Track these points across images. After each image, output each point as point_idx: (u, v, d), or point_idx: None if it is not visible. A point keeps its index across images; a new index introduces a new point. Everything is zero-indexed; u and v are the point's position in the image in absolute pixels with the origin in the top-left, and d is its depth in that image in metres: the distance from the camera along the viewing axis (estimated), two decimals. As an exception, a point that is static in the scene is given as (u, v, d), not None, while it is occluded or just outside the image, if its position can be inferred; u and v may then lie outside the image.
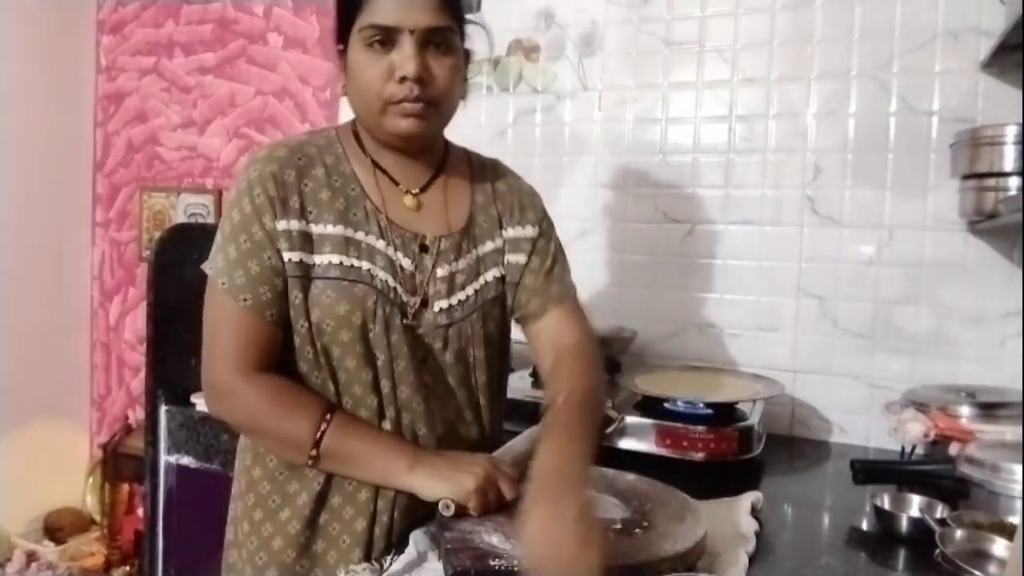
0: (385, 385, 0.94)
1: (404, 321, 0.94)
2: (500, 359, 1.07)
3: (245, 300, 0.90)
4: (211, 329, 0.93)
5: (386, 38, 0.90)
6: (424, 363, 0.97)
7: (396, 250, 0.95)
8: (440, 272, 0.98)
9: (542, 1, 1.89)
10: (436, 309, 0.97)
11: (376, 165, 0.98)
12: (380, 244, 0.95)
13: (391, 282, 0.94)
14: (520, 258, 1.05)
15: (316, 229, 0.93)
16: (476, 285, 1.01)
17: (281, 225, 0.91)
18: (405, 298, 0.95)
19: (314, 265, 0.93)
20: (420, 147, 0.99)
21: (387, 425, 0.95)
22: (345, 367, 0.93)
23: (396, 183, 0.99)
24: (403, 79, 0.89)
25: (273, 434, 0.93)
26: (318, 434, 0.89)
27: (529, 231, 1.07)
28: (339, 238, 0.93)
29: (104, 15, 2.72)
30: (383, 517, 0.95)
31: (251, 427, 0.95)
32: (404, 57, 0.89)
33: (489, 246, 1.03)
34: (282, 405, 0.91)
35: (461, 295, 0.99)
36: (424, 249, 0.98)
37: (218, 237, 0.94)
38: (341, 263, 0.92)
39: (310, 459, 0.90)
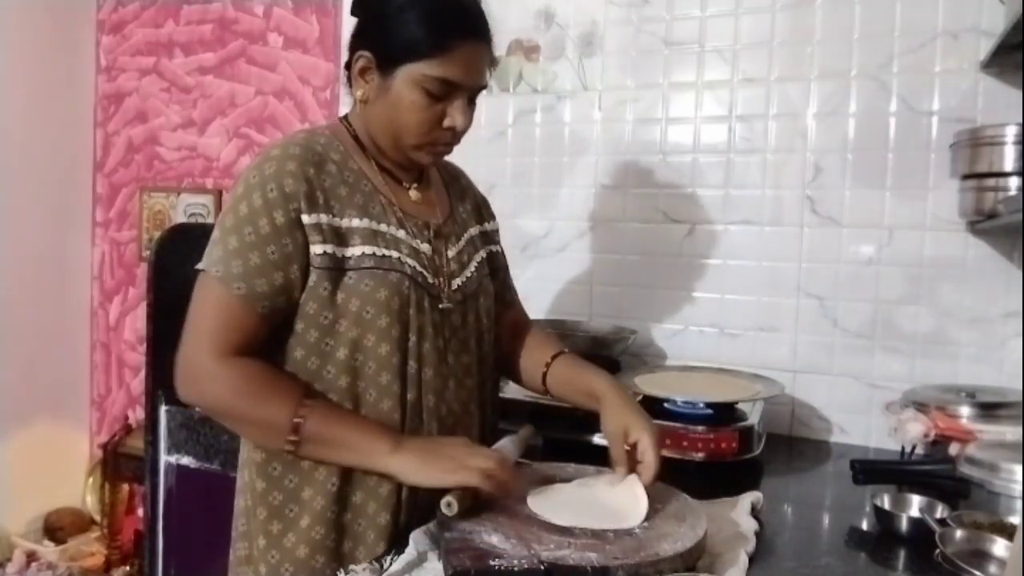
0: (412, 367, 0.97)
1: (433, 302, 1.00)
2: (491, 334, 1.15)
3: (239, 289, 0.90)
4: (195, 315, 0.93)
5: (446, 92, 0.95)
6: (448, 343, 1.02)
7: (414, 237, 1.00)
8: (451, 253, 1.06)
9: (542, 1, 1.89)
10: (453, 287, 1.04)
11: (380, 166, 1.03)
12: (401, 234, 0.99)
13: (418, 267, 0.99)
14: (498, 248, 1.21)
15: (343, 223, 0.95)
16: (475, 261, 1.11)
17: (311, 219, 0.93)
18: (431, 280, 1.00)
19: (348, 257, 0.94)
20: None
21: (408, 408, 0.97)
22: (377, 355, 0.94)
23: (397, 180, 1.05)
24: (450, 128, 0.98)
25: (249, 419, 0.93)
26: (296, 418, 0.89)
27: (496, 225, 1.22)
28: (367, 230, 0.96)
29: (104, 15, 2.72)
30: (408, 506, 0.96)
31: (224, 411, 0.94)
32: (458, 111, 0.97)
33: (474, 230, 1.14)
34: (259, 388, 0.91)
35: (468, 271, 1.08)
36: (436, 234, 1.04)
37: (215, 233, 0.94)
38: (374, 253, 0.95)
39: (289, 443, 0.90)
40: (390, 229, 0.98)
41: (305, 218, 0.92)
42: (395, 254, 0.97)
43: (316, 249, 0.93)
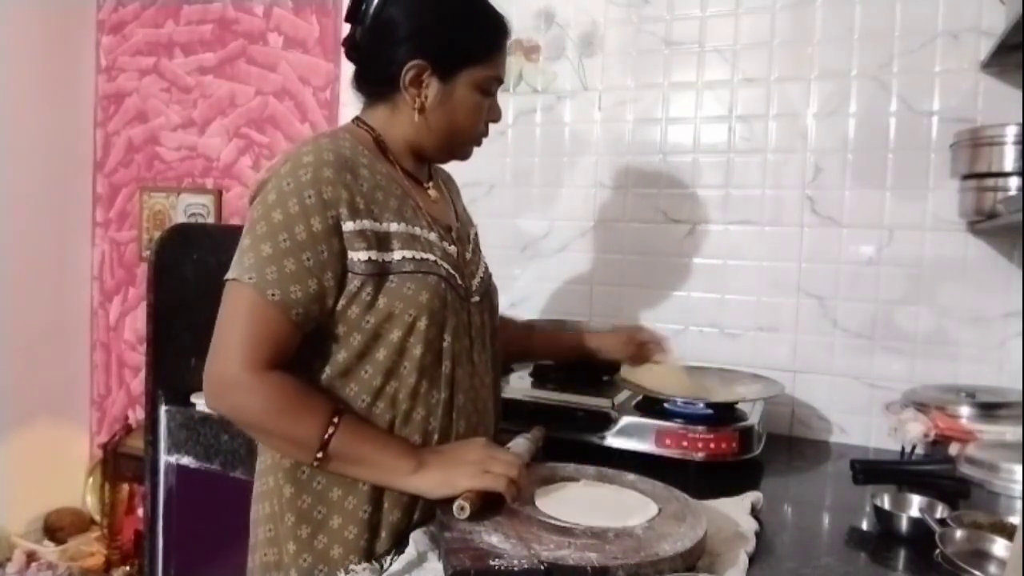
0: (445, 367, 0.98)
1: (463, 303, 1.02)
2: (498, 331, 1.18)
3: (273, 295, 0.89)
4: (226, 323, 0.91)
5: (494, 89, 1.06)
6: (473, 342, 1.04)
7: (442, 240, 1.03)
8: (468, 254, 1.09)
9: (542, 1, 1.89)
10: (473, 287, 1.07)
11: (403, 168, 1.05)
12: (433, 236, 1.01)
13: (450, 269, 1.01)
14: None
15: (384, 227, 0.95)
16: (484, 262, 1.15)
17: (354, 226, 0.92)
18: (460, 281, 1.03)
19: (391, 261, 0.95)
20: None
21: (438, 408, 0.98)
22: (413, 356, 0.95)
23: (417, 182, 1.07)
24: (490, 121, 1.07)
25: (280, 434, 0.93)
26: (326, 436, 0.89)
27: (477, 229, 1.22)
28: (405, 234, 0.97)
29: (104, 15, 2.72)
30: (423, 505, 0.97)
31: (256, 425, 0.94)
32: (496, 105, 1.08)
33: (473, 232, 1.18)
34: (292, 405, 0.91)
35: (481, 271, 1.12)
36: (456, 236, 1.08)
37: (245, 241, 0.92)
38: (413, 256, 0.96)
39: (316, 460, 0.91)
40: (423, 232, 1.00)
41: (348, 225, 0.92)
42: (431, 257, 0.98)
43: (360, 256, 0.92)
